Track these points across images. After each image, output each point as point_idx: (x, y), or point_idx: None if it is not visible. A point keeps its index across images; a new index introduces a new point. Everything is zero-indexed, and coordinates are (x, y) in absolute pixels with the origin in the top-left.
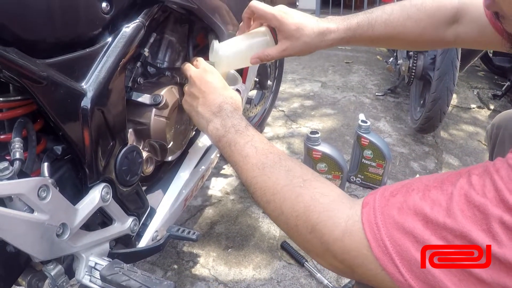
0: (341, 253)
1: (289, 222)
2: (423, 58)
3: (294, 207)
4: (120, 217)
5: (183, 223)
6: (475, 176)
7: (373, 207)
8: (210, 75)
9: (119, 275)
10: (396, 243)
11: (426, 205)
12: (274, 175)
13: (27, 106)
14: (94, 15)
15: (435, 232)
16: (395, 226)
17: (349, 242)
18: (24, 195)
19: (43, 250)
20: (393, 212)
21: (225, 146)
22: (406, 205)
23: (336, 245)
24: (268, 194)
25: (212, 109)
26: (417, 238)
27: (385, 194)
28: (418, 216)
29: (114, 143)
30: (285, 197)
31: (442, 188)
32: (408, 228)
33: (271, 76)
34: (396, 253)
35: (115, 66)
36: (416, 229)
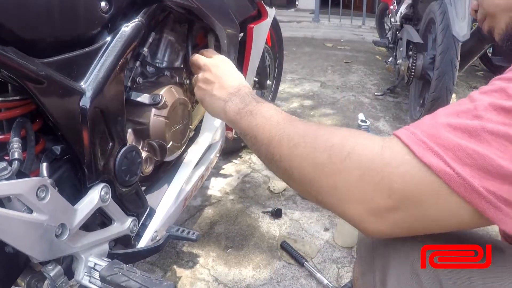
0: (382, 167)
1: (321, 155)
2: (422, 58)
3: (329, 139)
4: (119, 218)
5: (183, 223)
6: None
7: (405, 129)
8: (226, 63)
9: (118, 275)
10: (436, 137)
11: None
12: (304, 123)
13: (26, 106)
14: (93, 14)
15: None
16: (430, 127)
17: (389, 153)
18: (23, 195)
19: (42, 250)
20: (426, 121)
21: (245, 116)
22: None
23: (376, 160)
24: (297, 138)
25: (230, 91)
26: (455, 126)
27: (413, 123)
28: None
29: (113, 143)
30: (318, 134)
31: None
32: (442, 124)
33: (270, 76)
34: (439, 145)
35: (114, 66)
36: (451, 122)
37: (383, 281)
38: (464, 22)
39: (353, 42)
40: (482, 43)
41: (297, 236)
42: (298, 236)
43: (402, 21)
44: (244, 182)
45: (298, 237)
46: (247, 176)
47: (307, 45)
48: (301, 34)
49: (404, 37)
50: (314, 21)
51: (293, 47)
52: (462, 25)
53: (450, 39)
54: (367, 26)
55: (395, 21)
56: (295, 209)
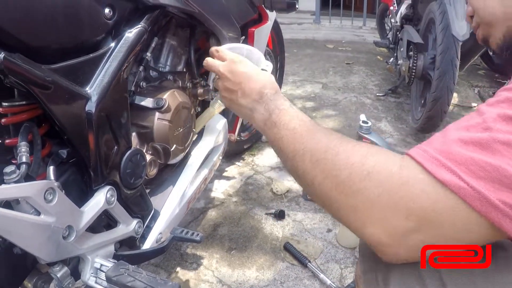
0: (400, 186)
1: (341, 173)
2: (423, 58)
3: (350, 157)
4: (124, 220)
5: (187, 225)
6: None
7: (417, 148)
8: (240, 64)
9: (124, 276)
10: (448, 153)
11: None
12: (326, 137)
13: (32, 111)
14: (97, 21)
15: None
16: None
17: (406, 172)
18: (31, 198)
19: (50, 252)
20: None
21: (271, 127)
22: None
23: (394, 180)
24: (319, 153)
25: (253, 97)
26: (465, 141)
27: (424, 142)
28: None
29: (118, 147)
30: (339, 151)
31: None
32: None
33: None
34: (451, 160)
35: (118, 71)
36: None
37: (385, 280)
38: (463, 21)
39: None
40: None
41: (300, 237)
42: (301, 237)
43: (402, 22)
44: (247, 184)
45: (301, 238)
46: (250, 178)
47: (308, 47)
48: (302, 36)
49: (404, 37)
50: (315, 22)
51: (294, 49)
52: (461, 25)
53: (450, 39)
54: (368, 27)
55: (395, 22)
56: (298, 211)
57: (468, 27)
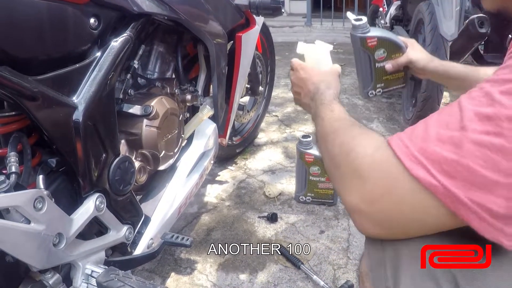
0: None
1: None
2: None
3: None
4: (115, 226)
5: (180, 230)
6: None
7: (399, 138)
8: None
9: (114, 281)
10: (425, 151)
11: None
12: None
13: (22, 121)
14: (83, 31)
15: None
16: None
17: (379, 158)
18: (21, 206)
19: (41, 259)
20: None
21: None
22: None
23: (366, 162)
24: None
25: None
26: (443, 139)
27: (406, 131)
28: (440, 124)
29: (106, 154)
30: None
31: (451, 104)
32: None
33: (263, 82)
34: (427, 159)
35: (105, 80)
36: (440, 134)
37: (396, 276)
38: (451, 21)
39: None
40: (472, 41)
41: (293, 239)
42: (294, 239)
43: (392, 23)
44: (240, 188)
45: (294, 240)
46: (243, 182)
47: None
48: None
49: None
50: (306, 25)
51: (286, 52)
52: (449, 25)
53: (439, 39)
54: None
55: (385, 23)
56: (290, 213)
57: (456, 27)
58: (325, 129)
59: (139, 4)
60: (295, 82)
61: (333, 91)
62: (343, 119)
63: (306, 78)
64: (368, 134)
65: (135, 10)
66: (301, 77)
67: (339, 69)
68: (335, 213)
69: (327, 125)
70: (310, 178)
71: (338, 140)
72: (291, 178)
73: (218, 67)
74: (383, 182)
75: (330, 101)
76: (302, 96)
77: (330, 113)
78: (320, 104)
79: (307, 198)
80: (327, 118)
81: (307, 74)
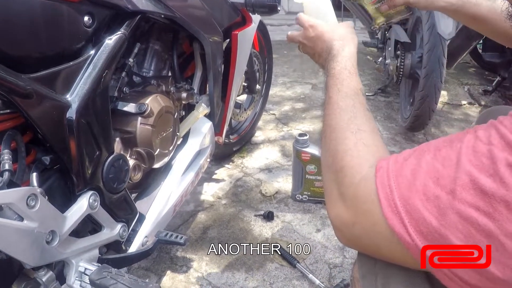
0: (352, 198)
1: (329, 158)
2: (410, 57)
3: (338, 146)
4: (108, 224)
5: (176, 229)
6: (480, 130)
7: (387, 171)
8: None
9: (107, 279)
10: (407, 202)
11: (438, 163)
12: (340, 116)
13: (16, 119)
14: (76, 29)
15: (445, 188)
16: (407, 186)
17: (362, 189)
18: (14, 204)
19: (34, 256)
20: (406, 173)
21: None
22: (419, 166)
23: (351, 189)
24: (328, 131)
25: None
26: (428, 196)
27: (398, 159)
28: (430, 174)
29: (100, 152)
30: (337, 137)
31: (452, 146)
32: (419, 187)
33: (260, 80)
34: (407, 213)
35: (99, 78)
36: (428, 187)
37: (385, 284)
38: (449, 20)
39: None
40: (470, 40)
41: (289, 238)
42: (290, 238)
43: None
44: (236, 186)
45: (290, 239)
46: (239, 180)
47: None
48: None
49: (392, 37)
50: None
51: (284, 50)
52: (447, 23)
53: (436, 38)
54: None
55: None
56: (287, 212)
57: (454, 25)
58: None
59: (134, 2)
60: (305, 42)
61: (347, 50)
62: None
63: (316, 36)
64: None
65: (129, 8)
66: (311, 36)
67: (351, 24)
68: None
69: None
70: (307, 176)
71: (332, 145)
72: (288, 176)
73: (214, 65)
74: (362, 218)
75: (339, 72)
76: (316, 58)
77: (336, 94)
78: (331, 75)
79: (304, 196)
80: (333, 100)
81: (316, 32)
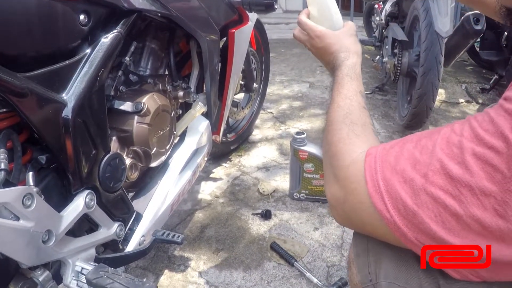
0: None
1: (326, 146)
2: (408, 55)
3: (334, 136)
4: (105, 223)
5: (174, 228)
6: (457, 124)
7: (375, 156)
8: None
9: (103, 278)
10: (388, 183)
11: (417, 151)
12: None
13: (12, 118)
14: (72, 27)
15: (420, 172)
16: (389, 169)
17: (352, 171)
18: (9, 203)
19: (30, 256)
20: (390, 159)
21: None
22: (401, 153)
23: (342, 171)
24: (327, 125)
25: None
26: (405, 178)
27: (385, 147)
28: (409, 160)
29: (96, 151)
30: (333, 129)
31: (431, 137)
32: (399, 171)
33: (257, 78)
34: (387, 192)
35: (95, 77)
36: (406, 171)
37: (377, 261)
38: (446, 18)
39: None
40: (467, 38)
41: (287, 236)
42: (287, 236)
43: (387, 19)
44: (234, 185)
45: (287, 237)
46: (237, 179)
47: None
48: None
49: (389, 35)
50: None
51: (281, 49)
52: (444, 21)
53: (434, 36)
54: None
55: (380, 20)
56: (284, 210)
57: (451, 23)
58: (329, 114)
59: (130, 1)
60: (313, 51)
61: (351, 60)
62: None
63: (323, 48)
64: (354, 139)
65: (125, 7)
66: (318, 46)
67: (354, 27)
68: (329, 210)
69: (330, 110)
70: (304, 175)
71: (329, 136)
72: (286, 175)
73: (211, 64)
74: (351, 196)
75: (342, 78)
76: (325, 65)
77: (337, 96)
78: (335, 82)
79: (301, 195)
80: (334, 101)
81: (323, 44)
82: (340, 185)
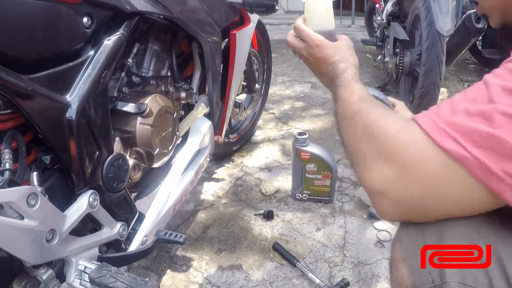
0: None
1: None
2: (409, 54)
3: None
4: (108, 223)
5: (176, 228)
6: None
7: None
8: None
9: (106, 277)
10: (454, 124)
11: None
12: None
13: (17, 119)
14: (76, 30)
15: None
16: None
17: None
18: (14, 203)
19: (34, 254)
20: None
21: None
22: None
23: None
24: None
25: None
26: (471, 113)
27: (431, 108)
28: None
29: (100, 152)
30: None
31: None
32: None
33: (259, 79)
34: (457, 132)
35: (98, 78)
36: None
37: None
38: (447, 17)
39: None
40: (469, 37)
41: (289, 237)
42: (290, 237)
43: (389, 19)
44: (236, 185)
45: (290, 238)
46: (239, 180)
47: None
48: None
49: (391, 34)
50: None
51: (283, 50)
52: (445, 20)
53: (435, 35)
54: (357, 25)
55: (382, 19)
56: (287, 211)
57: (452, 22)
58: (345, 111)
59: (132, 3)
60: (309, 58)
61: (351, 70)
62: (363, 101)
63: (322, 58)
64: (389, 115)
65: (128, 9)
66: (317, 56)
67: (349, 41)
68: (332, 211)
69: (346, 107)
70: (307, 175)
71: (359, 123)
72: (288, 175)
73: (213, 65)
74: (410, 159)
75: (348, 81)
76: (319, 75)
77: (350, 95)
78: (340, 85)
79: (304, 195)
80: (347, 100)
81: (322, 53)
82: (388, 157)
